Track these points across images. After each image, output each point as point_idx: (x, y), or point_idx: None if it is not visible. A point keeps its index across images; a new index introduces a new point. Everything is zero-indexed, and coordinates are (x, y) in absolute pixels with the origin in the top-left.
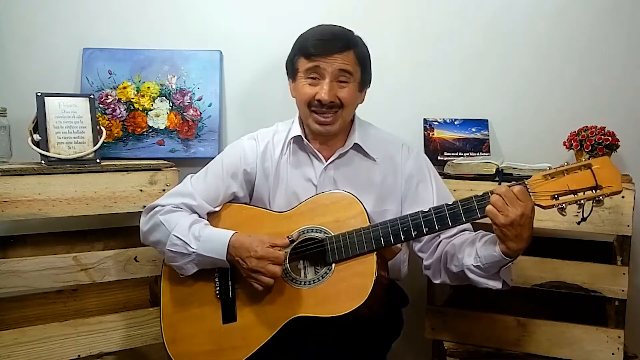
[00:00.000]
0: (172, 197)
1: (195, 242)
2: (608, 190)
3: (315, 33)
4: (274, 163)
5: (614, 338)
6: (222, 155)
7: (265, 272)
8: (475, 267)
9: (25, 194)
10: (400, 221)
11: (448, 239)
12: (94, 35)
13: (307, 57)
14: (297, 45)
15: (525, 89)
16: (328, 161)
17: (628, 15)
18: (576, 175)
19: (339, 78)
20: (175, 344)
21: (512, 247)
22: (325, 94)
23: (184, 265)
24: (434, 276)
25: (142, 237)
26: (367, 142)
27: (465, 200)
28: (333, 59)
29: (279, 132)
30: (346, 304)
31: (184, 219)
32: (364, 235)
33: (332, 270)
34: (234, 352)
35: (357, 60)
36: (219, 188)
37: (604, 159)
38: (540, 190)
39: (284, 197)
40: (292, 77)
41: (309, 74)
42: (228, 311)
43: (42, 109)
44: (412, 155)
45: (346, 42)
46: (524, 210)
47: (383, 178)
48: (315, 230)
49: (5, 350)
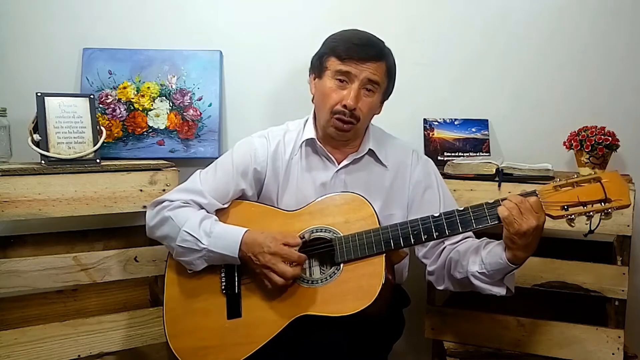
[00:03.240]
0: (181, 192)
1: (207, 238)
2: (617, 203)
3: (351, 36)
4: (285, 163)
5: (614, 338)
6: (232, 153)
7: (276, 269)
8: (480, 273)
9: (25, 194)
10: (411, 224)
11: (452, 245)
12: (94, 35)
13: (339, 59)
14: (329, 44)
15: (525, 89)
16: (340, 165)
17: (628, 15)
18: (586, 188)
19: (366, 86)
20: (177, 338)
21: (519, 256)
22: (351, 100)
23: (193, 261)
24: (437, 282)
25: (149, 231)
26: (380, 148)
27: (476, 207)
28: (366, 66)
29: (290, 132)
30: (353, 304)
31: (194, 215)
32: (373, 236)
33: (340, 270)
34: (237, 349)
35: (386, 72)
36: (229, 185)
37: (614, 173)
38: (550, 200)
39: (294, 197)
40: (317, 74)
41: (338, 76)
42: (233, 307)
43: (42, 109)
44: (421, 161)
45: (380, 51)
46: (538, 222)
47: (391, 183)
48: (324, 230)
49: (5, 350)
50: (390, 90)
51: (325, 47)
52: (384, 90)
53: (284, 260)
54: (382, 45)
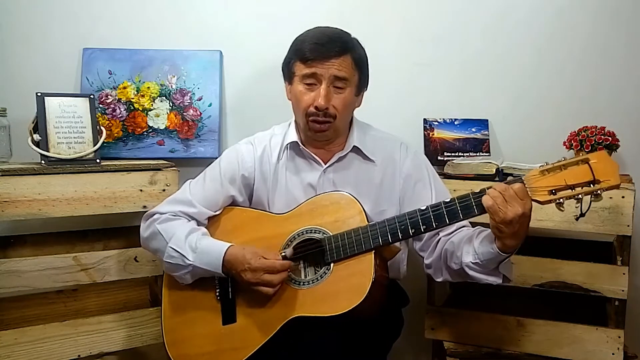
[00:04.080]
0: (170, 204)
1: (192, 254)
2: (606, 184)
3: (311, 36)
4: (272, 167)
5: (614, 338)
6: (219, 161)
7: (262, 282)
8: (474, 264)
9: (25, 194)
10: (398, 220)
11: (447, 237)
12: (94, 35)
13: (303, 62)
14: (293, 48)
15: (525, 89)
16: (327, 164)
17: (628, 15)
18: (574, 170)
19: (335, 84)
20: (176, 347)
21: (508, 244)
22: (322, 100)
23: (182, 276)
24: (435, 274)
25: (142, 244)
26: (366, 144)
27: (463, 198)
28: (330, 63)
29: (275, 136)
30: (344, 302)
31: (180, 229)
32: (362, 234)
33: (330, 270)
34: (234, 353)
35: (354, 64)
36: (218, 193)
37: (602, 153)
38: (537, 185)
39: (284, 200)
40: (288, 80)
41: (305, 80)
42: (228, 313)
43: (42, 109)
44: (410, 154)
45: (343, 45)
46: (524, 209)
47: (382, 179)
48: (314, 231)
49: (5, 350)
50: (364, 81)
51: (290, 51)
52: (357, 83)
53: (267, 271)
54: (346, 38)
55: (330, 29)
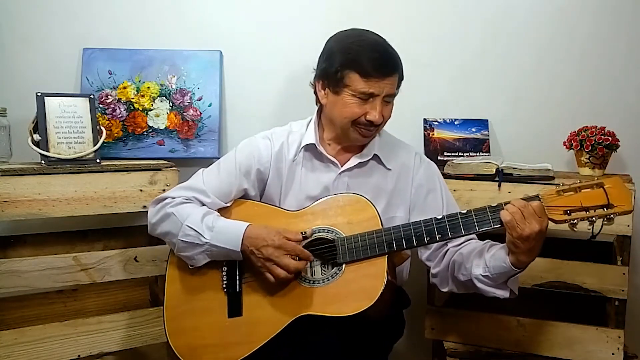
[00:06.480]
0: (183, 190)
1: (209, 232)
2: (619, 209)
3: (369, 49)
4: (287, 164)
5: (614, 338)
6: (235, 152)
7: (280, 262)
8: (484, 277)
9: (25, 194)
10: (414, 226)
11: (455, 248)
12: (94, 35)
13: (363, 76)
14: (347, 55)
15: (525, 89)
16: (344, 167)
17: (628, 15)
18: (589, 193)
19: (385, 99)
20: (177, 336)
21: (522, 260)
22: (378, 116)
23: (195, 256)
24: (441, 284)
25: (150, 228)
26: (384, 152)
27: (479, 210)
28: (387, 82)
29: (293, 133)
30: (354, 304)
31: (196, 210)
32: (376, 238)
33: (342, 270)
34: (237, 348)
35: (398, 82)
36: (232, 185)
37: (616, 178)
38: (553, 204)
39: (296, 198)
40: (333, 87)
41: (361, 95)
42: (234, 305)
43: (42, 109)
44: (424, 164)
45: (397, 64)
46: (541, 226)
47: (394, 186)
48: (326, 231)
49: (5, 350)
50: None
51: (342, 57)
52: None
53: (288, 254)
54: (396, 54)
55: (381, 40)
